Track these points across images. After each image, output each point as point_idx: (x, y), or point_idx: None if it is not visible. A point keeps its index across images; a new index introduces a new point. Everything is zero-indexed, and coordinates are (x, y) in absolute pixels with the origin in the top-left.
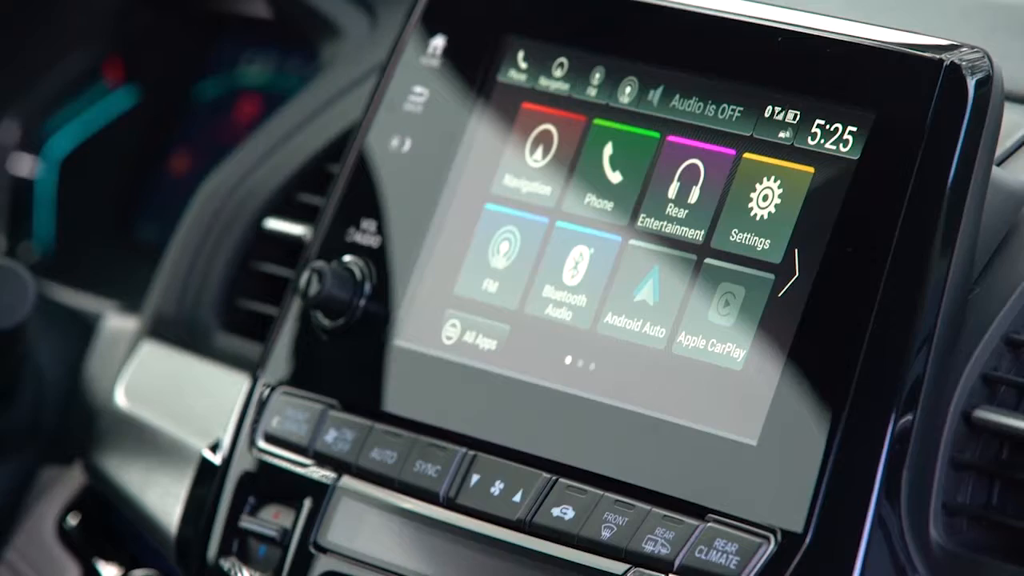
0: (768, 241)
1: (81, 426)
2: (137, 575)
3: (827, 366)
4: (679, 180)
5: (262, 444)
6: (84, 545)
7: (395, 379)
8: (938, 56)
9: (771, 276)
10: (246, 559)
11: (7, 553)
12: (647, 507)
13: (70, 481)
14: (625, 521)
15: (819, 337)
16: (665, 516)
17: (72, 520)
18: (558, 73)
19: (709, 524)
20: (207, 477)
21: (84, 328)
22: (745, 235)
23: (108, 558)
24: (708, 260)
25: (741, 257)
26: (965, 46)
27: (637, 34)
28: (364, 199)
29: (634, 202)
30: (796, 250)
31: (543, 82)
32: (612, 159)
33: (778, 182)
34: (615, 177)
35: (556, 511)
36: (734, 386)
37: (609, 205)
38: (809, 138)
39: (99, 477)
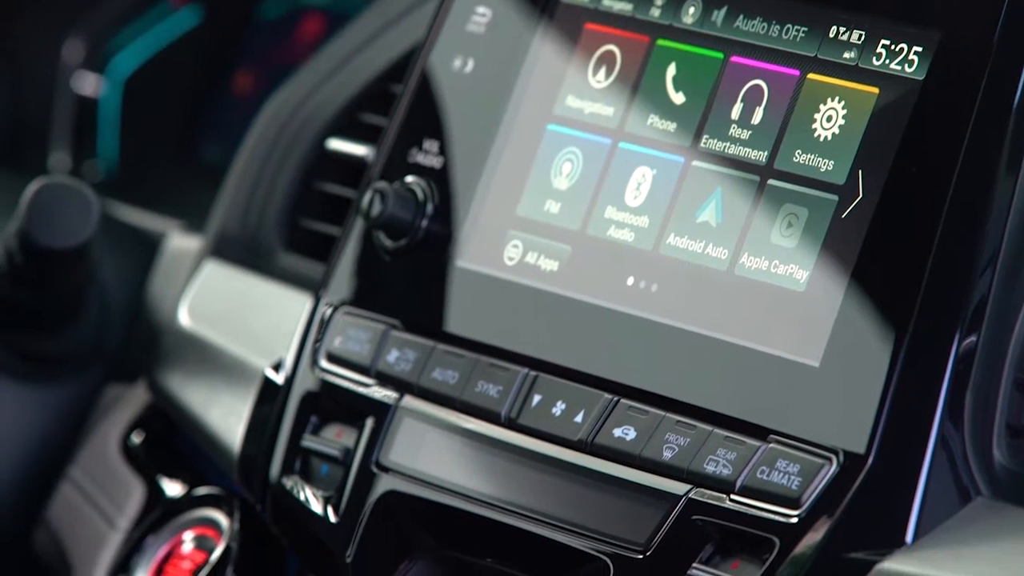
0: (832, 162)
1: (145, 345)
2: (200, 492)
3: (891, 287)
4: (742, 101)
5: (324, 364)
6: (148, 463)
7: (457, 300)
8: None
9: (834, 197)
10: (308, 478)
11: (72, 470)
12: (709, 428)
13: (134, 399)
14: (687, 442)
15: (883, 258)
16: (727, 437)
17: (136, 438)
18: None
19: (771, 445)
20: (270, 396)
21: (148, 247)
22: (809, 156)
23: (172, 476)
24: (771, 181)
25: (804, 178)
26: None
27: None
28: (427, 120)
29: (697, 123)
30: (860, 171)
31: (606, 2)
32: (675, 80)
33: (842, 103)
34: (678, 98)
35: (618, 432)
36: (797, 307)
37: (672, 126)
38: (874, 58)
39: (163, 396)
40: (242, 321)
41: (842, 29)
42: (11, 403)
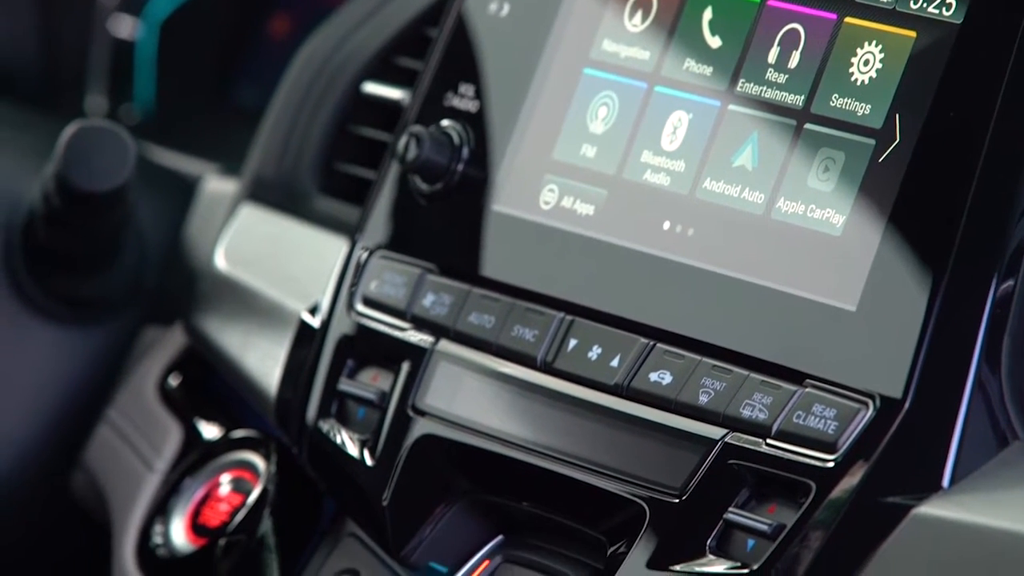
0: (869, 106)
1: (182, 288)
2: (237, 435)
3: (928, 231)
4: (779, 45)
5: (360, 307)
6: (185, 405)
7: (493, 244)
8: None
9: (871, 141)
10: (345, 421)
11: (110, 413)
12: (745, 372)
13: (171, 342)
14: (723, 386)
15: (920, 202)
16: (763, 381)
17: (173, 381)
18: None
19: (807, 389)
20: (306, 340)
21: (185, 191)
22: (846, 100)
23: (209, 418)
24: (808, 125)
25: (841, 122)
26: None
27: None
28: (462, 63)
29: (733, 67)
30: (897, 115)
31: None
32: (711, 23)
33: (880, 47)
34: (714, 42)
35: (654, 376)
36: (833, 252)
37: (708, 70)
38: (911, 2)
39: (200, 339)
40: (278, 264)
41: None
42: (49, 346)
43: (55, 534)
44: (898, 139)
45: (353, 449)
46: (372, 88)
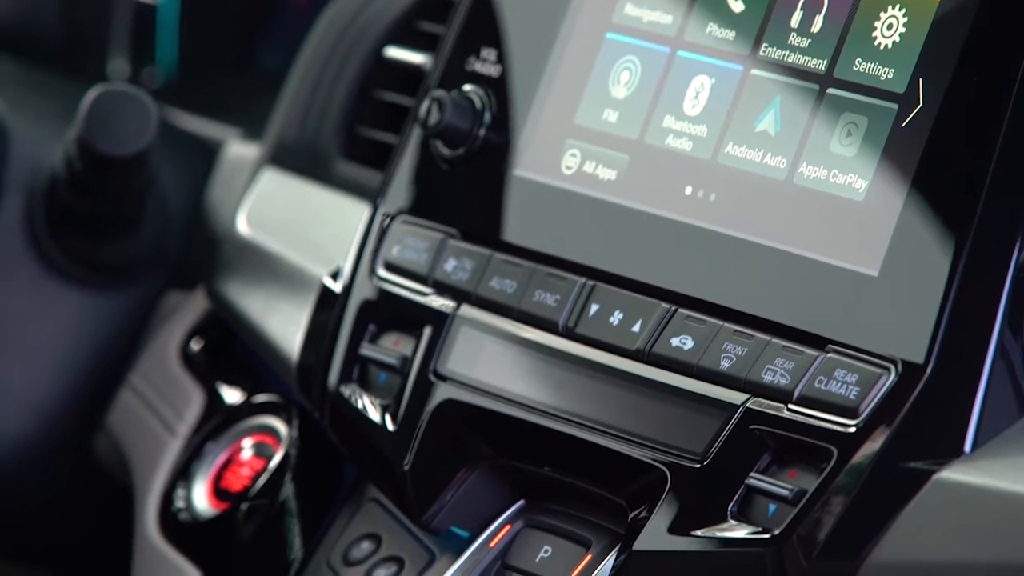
0: (892, 70)
1: (204, 253)
2: (259, 400)
3: (951, 196)
4: (802, 9)
5: (382, 272)
6: (207, 370)
7: (515, 209)
8: None
9: (894, 106)
10: (366, 386)
11: (132, 377)
12: (766, 337)
13: (193, 307)
14: (744, 351)
15: (943, 167)
16: (784, 347)
17: (195, 345)
18: None
19: (829, 355)
20: (328, 305)
21: (207, 155)
22: (868, 64)
23: (231, 383)
24: (831, 90)
25: (864, 87)
26: None
27: None
28: (485, 28)
29: (756, 31)
30: (920, 79)
31: None
32: None
33: (903, 10)
34: (737, 6)
35: (675, 341)
36: (855, 217)
37: (731, 34)
38: None
39: (221, 303)
40: (300, 229)
41: None
42: (72, 310)
43: (78, 498)
44: (921, 103)
45: (374, 414)
46: (394, 52)
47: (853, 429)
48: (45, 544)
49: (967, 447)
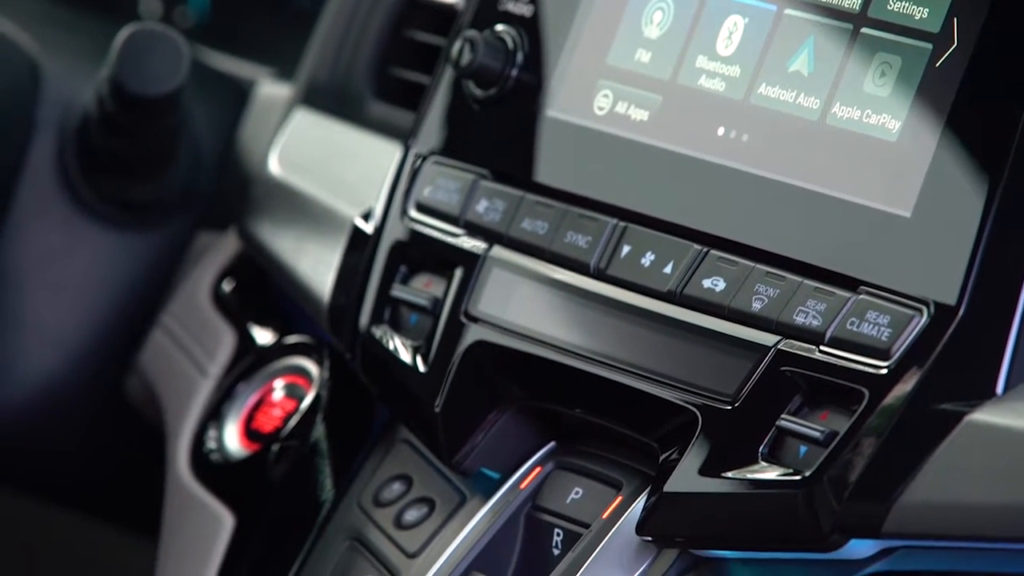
0: (926, 10)
1: (235, 193)
2: (291, 341)
3: (984, 136)
4: None
5: (413, 213)
6: (238, 311)
7: (546, 149)
8: None
9: (928, 46)
10: (397, 327)
11: (164, 317)
12: (798, 279)
13: (225, 247)
14: (776, 293)
15: (976, 107)
16: (816, 288)
17: (226, 286)
18: None
19: (861, 296)
20: (359, 246)
21: (238, 95)
22: (903, 4)
23: (262, 324)
24: (864, 29)
25: (898, 26)
26: None
27: None
28: None
29: None
30: (955, 19)
31: None
32: None
33: None
34: None
35: (707, 282)
36: (889, 157)
37: None
38: None
39: (253, 244)
40: (331, 170)
41: None
42: (104, 250)
43: (109, 438)
44: (955, 43)
45: (406, 355)
46: None
47: (885, 371)
48: (76, 485)
49: (999, 388)
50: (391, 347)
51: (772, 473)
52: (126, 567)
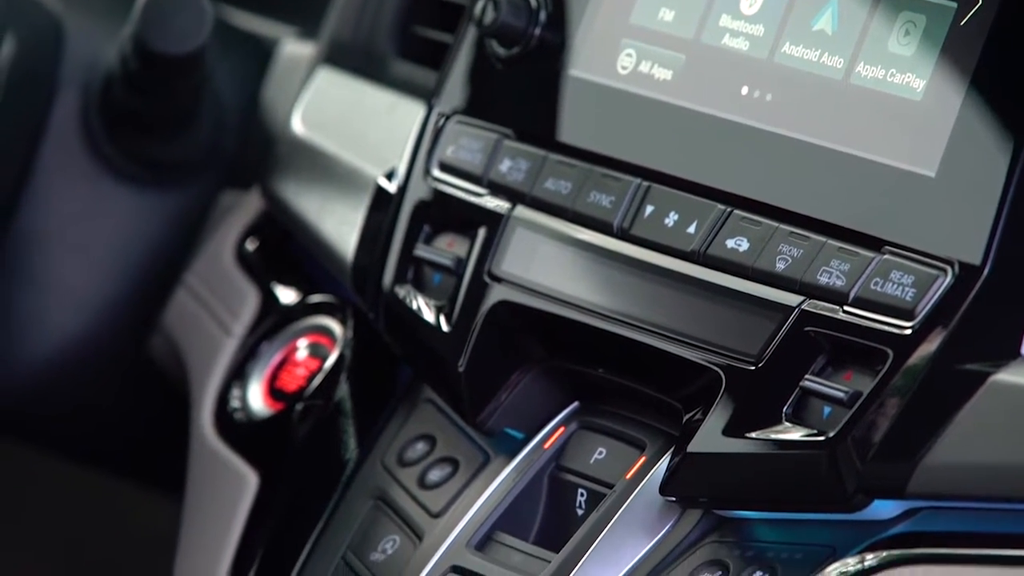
0: None
1: (259, 152)
2: (314, 300)
3: (1009, 96)
4: None
5: (437, 173)
6: (262, 270)
7: (570, 109)
8: None
9: (953, 4)
10: (421, 287)
11: (188, 277)
12: (822, 239)
13: (249, 207)
14: (800, 253)
15: (1001, 66)
16: (840, 248)
17: (250, 245)
18: None
19: (885, 256)
20: (382, 205)
21: (262, 54)
22: None
23: (286, 283)
24: None
25: None
26: None
27: None
28: None
29: None
30: None
31: None
32: None
33: None
34: None
35: (730, 242)
36: (913, 116)
37: None
38: None
39: (276, 203)
40: (355, 129)
41: None
42: (128, 209)
43: (134, 397)
44: (980, 2)
45: (429, 315)
46: None
47: (909, 331)
48: (100, 444)
49: (1023, 349)
50: (414, 307)
51: (796, 434)
52: (150, 526)
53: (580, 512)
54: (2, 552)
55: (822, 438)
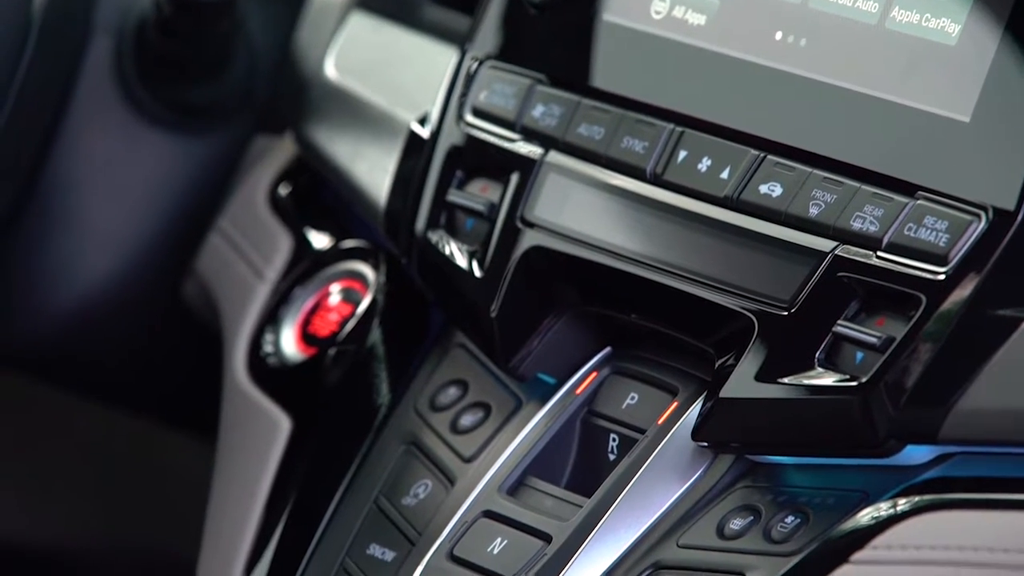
0: None
1: (292, 97)
2: (347, 245)
3: None
4: None
5: (470, 118)
6: (295, 215)
7: (603, 54)
8: None
9: None
10: (453, 232)
11: (221, 221)
12: (856, 184)
13: (282, 151)
14: (833, 198)
15: None
16: (874, 193)
17: (283, 190)
18: None
19: (919, 201)
20: (415, 150)
21: None
22: None
23: (319, 228)
24: None
25: None
26: None
27: None
28: None
29: None
30: None
31: None
32: None
33: None
34: None
35: (763, 188)
36: (948, 61)
37: None
38: None
39: (309, 148)
40: (388, 74)
41: None
42: (161, 154)
43: (168, 342)
44: None
45: (462, 260)
46: None
47: (942, 276)
48: (134, 388)
49: None
50: (447, 252)
51: (828, 379)
52: (183, 469)
53: (612, 457)
54: (38, 495)
55: (855, 383)
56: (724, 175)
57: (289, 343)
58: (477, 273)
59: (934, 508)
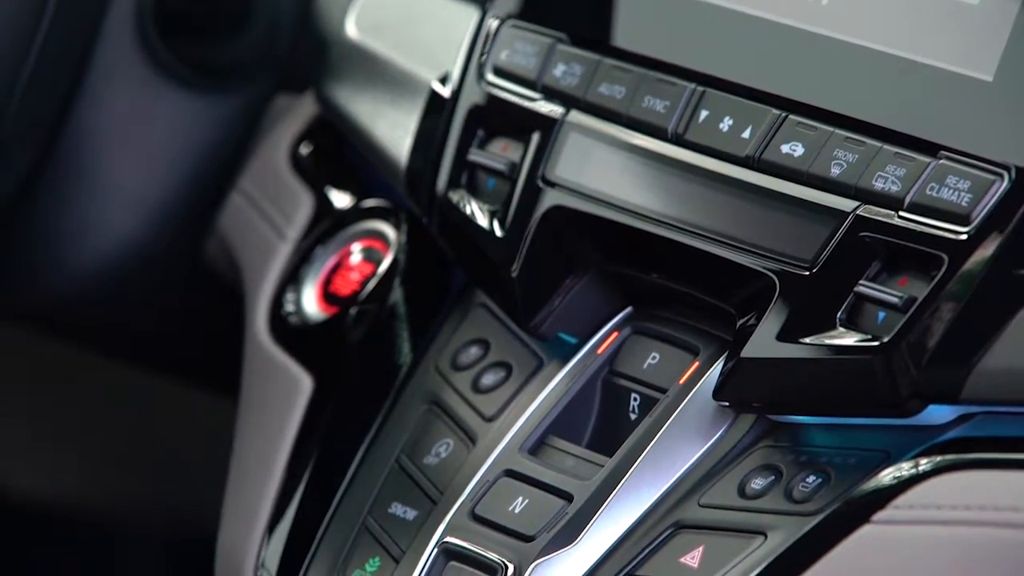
0: None
1: (313, 56)
2: (368, 204)
3: None
4: None
5: (491, 77)
6: (316, 174)
7: (624, 13)
8: None
9: None
10: (475, 191)
11: (242, 180)
12: (878, 144)
13: (303, 110)
14: (855, 158)
15: None
16: (896, 153)
17: (304, 149)
18: None
19: (941, 161)
20: (436, 110)
21: None
22: None
23: (340, 187)
24: None
25: None
26: None
27: None
28: None
29: None
30: None
31: None
32: None
33: None
34: None
35: (785, 147)
36: (970, 20)
37: None
38: None
39: (330, 107)
40: (409, 33)
41: None
42: (182, 112)
43: (189, 300)
44: None
45: (483, 219)
46: None
47: (965, 236)
48: (155, 346)
49: None
50: (468, 211)
51: (850, 339)
52: (205, 427)
53: (633, 417)
54: (62, 455)
55: (876, 343)
56: (746, 135)
57: (311, 302)
58: (498, 233)
59: (956, 468)
